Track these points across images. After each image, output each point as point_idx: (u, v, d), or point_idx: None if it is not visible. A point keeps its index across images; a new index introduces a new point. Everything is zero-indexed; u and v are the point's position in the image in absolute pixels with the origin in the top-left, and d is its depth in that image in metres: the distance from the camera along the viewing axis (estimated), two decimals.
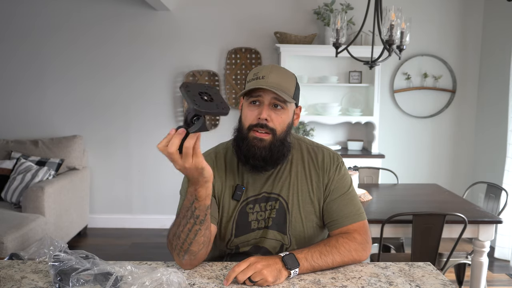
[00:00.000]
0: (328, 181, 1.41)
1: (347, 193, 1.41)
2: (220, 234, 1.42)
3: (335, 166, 1.43)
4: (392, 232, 2.50)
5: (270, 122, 1.33)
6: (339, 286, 1.18)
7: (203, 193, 1.15)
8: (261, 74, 1.33)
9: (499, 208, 2.94)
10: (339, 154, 2.52)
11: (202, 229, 1.20)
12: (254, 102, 1.34)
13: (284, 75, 1.35)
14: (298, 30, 4.27)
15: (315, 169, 1.43)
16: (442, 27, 4.34)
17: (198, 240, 1.22)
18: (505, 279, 3.41)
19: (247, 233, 1.41)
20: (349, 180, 1.45)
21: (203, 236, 1.22)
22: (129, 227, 4.44)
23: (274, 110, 1.33)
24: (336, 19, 2.79)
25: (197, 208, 1.17)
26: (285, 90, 1.33)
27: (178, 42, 4.30)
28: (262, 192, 1.41)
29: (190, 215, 1.18)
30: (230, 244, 1.42)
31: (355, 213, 1.39)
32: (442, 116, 4.45)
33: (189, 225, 1.19)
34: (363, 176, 3.54)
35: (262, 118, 1.31)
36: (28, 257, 1.34)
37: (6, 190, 3.63)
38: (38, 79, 4.33)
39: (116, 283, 1.03)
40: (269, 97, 1.32)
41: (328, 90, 4.37)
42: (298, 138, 1.49)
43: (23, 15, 4.26)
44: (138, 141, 4.42)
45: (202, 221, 1.19)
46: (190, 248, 1.22)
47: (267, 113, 1.32)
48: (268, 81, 1.31)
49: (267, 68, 1.35)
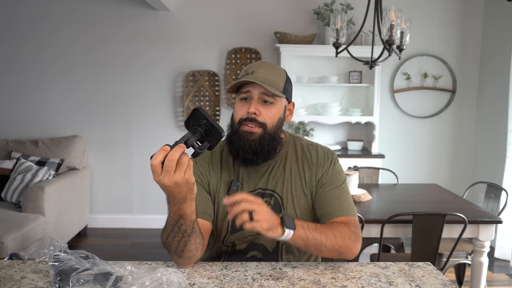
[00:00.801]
0: (322, 176, 1.42)
1: (340, 187, 1.41)
2: (217, 231, 1.43)
3: (329, 162, 1.44)
4: (392, 232, 2.50)
5: (260, 116, 1.34)
6: (339, 286, 1.18)
7: (188, 211, 1.15)
8: (250, 70, 1.35)
9: (499, 208, 2.94)
10: (336, 153, 2.51)
11: (192, 239, 1.22)
12: (245, 99, 1.36)
13: (273, 70, 1.37)
14: (298, 30, 4.27)
15: (308, 165, 1.44)
16: (442, 27, 4.34)
17: (189, 248, 1.23)
18: (505, 279, 3.41)
19: (243, 229, 1.41)
20: (343, 177, 1.45)
21: (194, 244, 1.23)
22: (129, 227, 4.44)
23: (263, 104, 1.35)
24: (336, 19, 2.80)
25: (183, 224, 1.18)
26: (273, 84, 1.34)
27: (178, 42, 4.30)
28: (257, 188, 1.42)
29: (177, 230, 1.20)
30: (226, 241, 1.43)
31: (347, 208, 1.38)
32: (442, 116, 4.45)
33: (177, 238, 1.21)
34: (363, 176, 3.54)
35: (250, 112, 1.33)
36: (28, 257, 1.34)
37: (6, 190, 3.63)
38: (39, 80, 4.33)
39: (116, 283, 1.03)
40: (257, 92, 1.34)
41: (328, 90, 4.37)
42: (294, 136, 1.50)
43: (24, 16, 4.27)
44: (138, 141, 4.42)
45: (190, 234, 1.20)
46: (184, 255, 1.25)
47: (255, 107, 1.33)
48: (256, 76, 1.33)
49: (256, 64, 1.37)
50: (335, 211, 1.37)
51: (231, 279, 1.21)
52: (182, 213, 1.15)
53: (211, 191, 1.42)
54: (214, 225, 1.42)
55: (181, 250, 1.23)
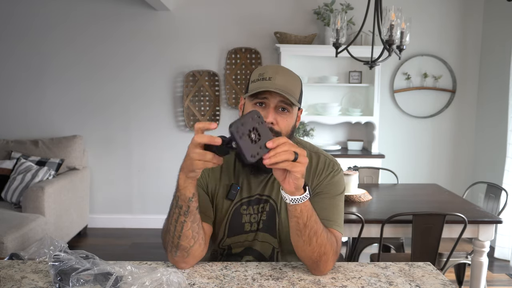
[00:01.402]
0: (317, 185, 1.38)
1: (332, 198, 1.35)
2: (214, 233, 1.41)
3: (327, 172, 1.39)
4: (392, 232, 2.50)
5: (276, 125, 1.29)
6: (339, 286, 1.18)
7: (182, 182, 1.16)
8: (267, 75, 1.29)
9: (499, 208, 2.94)
10: (336, 153, 2.48)
11: (188, 221, 1.21)
12: (260, 104, 1.31)
13: (290, 78, 1.32)
14: (298, 30, 4.27)
15: (307, 173, 1.39)
16: (442, 27, 4.34)
17: (186, 234, 1.22)
18: (505, 279, 3.41)
19: (239, 234, 1.40)
20: (339, 190, 1.38)
21: (191, 230, 1.22)
22: (129, 227, 4.44)
23: (280, 113, 1.30)
24: (336, 19, 2.79)
25: (179, 197, 1.19)
26: (291, 93, 1.29)
27: (178, 42, 4.30)
28: (255, 194, 1.40)
29: (175, 205, 1.20)
30: (222, 244, 1.42)
31: (334, 221, 1.32)
32: (442, 116, 4.45)
33: (175, 215, 1.21)
34: (363, 176, 3.54)
35: (268, 122, 1.28)
36: (28, 257, 1.34)
37: (6, 190, 3.63)
38: (38, 79, 4.33)
39: (116, 283, 1.03)
40: (275, 100, 1.28)
41: (328, 90, 4.37)
42: (298, 142, 1.47)
43: (21, 15, 4.26)
44: (138, 141, 4.42)
45: (185, 213, 1.20)
46: (180, 243, 1.23)
47: (273, 116, 1.29)
48: (275, 83, 1.27)
49: (273, 69, 1.31)
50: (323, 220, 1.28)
51: (231, 279, 1.21)
52: (178, 182, 1.17)
53: (209, 193, 1.41)
54: None
55: (178, 236, 1.22)
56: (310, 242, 1.21)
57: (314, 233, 1.20)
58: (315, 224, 1.20)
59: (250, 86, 1.33)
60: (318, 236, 1.21)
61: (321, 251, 1.21)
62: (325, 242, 1.22)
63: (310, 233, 1.20)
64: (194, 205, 1.20)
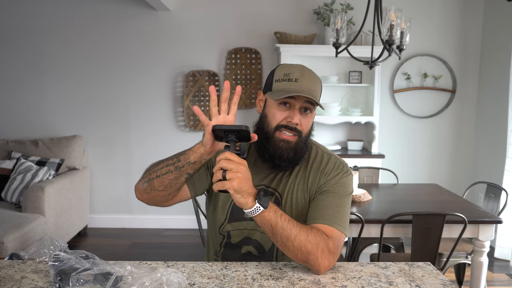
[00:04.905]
0: (324, 183, 1.39)
1: (337, 198, 1.35)
2: (215, 219, 1.45)
3: (335, 173, 1.40)
4: (392, 232, 2.51)
5: (299, 126, 1.34)
6: (339, 286, 1.18)
7: (196, 147, 1.24)
8: (294, 76, 1.33)
9: (499, 208, 2.94)
10: (336, 153, 2.46)
11: (173, 173, 1.27)
12: (285, 103, 1.34)
13: (315, 80, 1.36)
14: (298, 30, 4.27)
15: (315, 171, 1.42)
16: (442, 27, 4.34)
17: (163, 179, 1.29)
18: (505, 279, 3.41)
19: (240, 220, 1.42)
20: (347, 192, 1.38)
21: (168, 180, 1.28)
22: (129, 227, 4.44)
23: (303, 114, 1.35)
24: (336, 19, 2.80)
25: (185, 154, 1.25)
26: (315, 93, 1.34)
27: (178, 42, 4.30)
28: (261, 184, 1.42)
29: (177, 155, 1.27)
30: (222, 230, 1.44)
31: (335, 219, 1.31)
32: (442, 116, 4.45)
33: (169, 161, 1.28)
34: (363, 176, 3.54)
35: (293, 122, 1.33)
36: (28, 257, 1.34)
37: (6, 190, 3.63)
38: (39, 80, 4.33)
39: (116, 283, 1.03)
40: (301, 101, 1.33)
41: (328, 90, 4.37)
42: (313, 142, 1.49)
43: (24, 16, 4.26)
44: (138, 141, 4.42)
45: (178, 167, 1.26)
46: (154, 181, 1.30)
47: (298, 117, 1.33)
48: (302, 85, 1.31)
49: (299, 70, 1.34)
50: (320, 216, 1.31)
51: (231, 279, 1.21)
52: (194, 146, 1.24)
53: None
54: (213, 213, 1.45)
55: (156, 175, 1.29)
56: (287, 247, 1.23)
57: (286, 239, 1.21)
58: (283, 231, 1.21)
59: (274, 85, 1.36)
60: (293, 240, 1.21)
61: (303, 252, 1.22)
62: (305, 243, 1.21)
63: (282, 239, 1.22)
64: (189, 170, 1.26)
